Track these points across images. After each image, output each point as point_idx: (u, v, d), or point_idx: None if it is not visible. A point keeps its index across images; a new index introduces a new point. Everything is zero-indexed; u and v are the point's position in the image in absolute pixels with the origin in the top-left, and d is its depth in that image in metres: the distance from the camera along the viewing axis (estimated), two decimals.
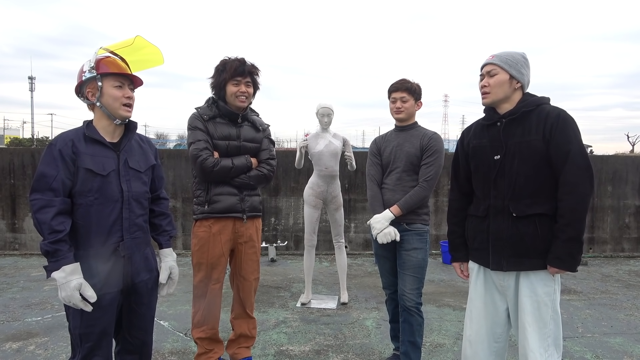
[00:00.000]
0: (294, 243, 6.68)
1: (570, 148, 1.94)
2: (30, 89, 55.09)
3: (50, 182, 1.84)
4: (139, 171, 2.04)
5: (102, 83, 1.94)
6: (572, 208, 1.93)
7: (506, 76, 2.06)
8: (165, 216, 2.23)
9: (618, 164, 6.97)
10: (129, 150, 2.03)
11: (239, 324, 2.87)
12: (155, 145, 2.45)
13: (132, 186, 2.00)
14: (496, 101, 2.10)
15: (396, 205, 2.72)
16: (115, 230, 1.95)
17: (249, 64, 2.70)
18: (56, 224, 1.80)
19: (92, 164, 1.90)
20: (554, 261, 1.95)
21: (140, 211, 2.04)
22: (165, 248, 2.21)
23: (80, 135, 1.94)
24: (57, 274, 1.79)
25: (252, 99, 2.78)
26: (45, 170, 1.85)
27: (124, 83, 1.98)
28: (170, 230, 2.24)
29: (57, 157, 1.87)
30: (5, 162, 6.39)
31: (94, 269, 1.90)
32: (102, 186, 1.91)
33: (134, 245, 2.01)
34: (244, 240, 2.75)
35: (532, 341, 2.00)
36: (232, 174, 2.67)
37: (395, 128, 2.95)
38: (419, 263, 2.76)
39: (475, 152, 2.18)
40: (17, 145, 30.51)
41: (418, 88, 2.86)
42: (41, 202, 1.82)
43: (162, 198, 2.25)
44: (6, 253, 6.30)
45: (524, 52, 2.13)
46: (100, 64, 1.95)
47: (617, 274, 5.73)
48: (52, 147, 1.89)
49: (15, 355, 3.16)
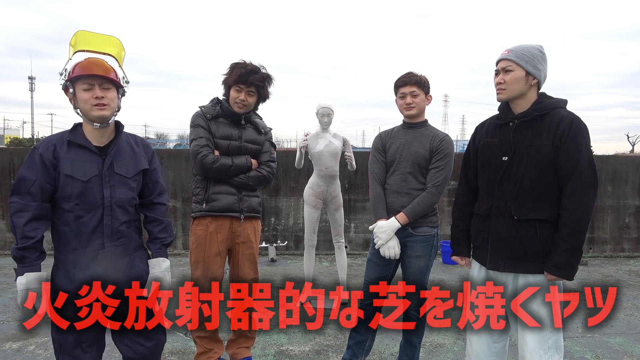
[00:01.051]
0: (294, 243, 6.68)
1: (580, 158, 1.91)
2: (30, 89, 55.04)
3: (29, 187, 1.83)
4: (125, 176, 1.97)
5: (74, 89, 1.89)
6: (577, 218, 1.92)
7: (522, 72, 2.00)
8: (158, 223, 2.11)
9: (618, 164, 6.97)
10: (117, 155, 1.96)
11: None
12: (155, 145, 2.42)
13: (116, 192, 1.93)
14: (511, 98, 2.05)
15: (403, 213, 2.57)
16: (96, 237, 1.90)
17: (258, 75, 2.64)
18: (28, 230, 1.80)
19: (72, 170, 1.87)
20: (552, 269, 1.94)
21: (124, 217, 1.96)
22: (155, 257, 2.08)
23: (64, 140, 1.90)
24: (19, 280, 1.80)
25: (253, 107, 2.77)
26: (25, 174, 1.85)
27: (93, 84, 1.87)
28: (164, 237, 2.11)
29: (37, 161, 1.85)
30: (5, 162, 6.38)
31: (72, 274, 1.88)
32: (83, 192, 1.87)
33: (117, 252, 1.94)
34: (241, 240, 2.76)
35: (531, 343, 1.99)
36: (232, 172, 2.67)
37: (403, 124, 2.76)
38: (421, 270, 2.68)
39: (484, 150, 2.16)
40: (17, 145, 30.49)
41: (426, 81, 2.67)
42: (17, 206, 1.82)
43: (156, 203, 2.13)
44: (6, 253, 6.28)
45: (540, 45, 2.05)
46: (75, 69, 1.89)
47: (617, 274, 5.73)
48: (35, 151, 1.88)
49: (15, 355, 3.16)
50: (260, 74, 2.66)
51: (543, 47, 2.05)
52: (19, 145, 31.49)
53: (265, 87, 2.72)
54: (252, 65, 2.66)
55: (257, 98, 2.74)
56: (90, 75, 1.87)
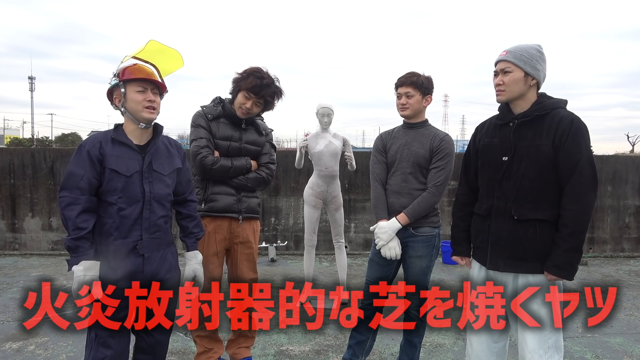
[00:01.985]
0: (294, 243, 6.68)
1: (580, 158, 1.91)
2: (30, 89, 55.08)
3: (78, 181, 1.95)
4: (162, 174, 2.11)
5: (126, 89, 2.03)
6: (577, 219, 1.92)
7: (521, 74, 2.00)
8: (192, 218, 2.31)
9: (618, 164, 6.97)
10: (155, 153, 2.11)
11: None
12: None
13: (155, 188, 2.07)
14: (511, 99, 2.05)
15: (403, 214, 2.57)
16: (136, 229, 2.03)
17: (271, 89, 2.65)
18: (80, 221, 1.92)
19: (117, 165, 2.00)
20: (553, 269, 1.94)
21: (161, 212, 2.10)
22: (191, 251, 2.28)
23: (108, 138, 2.04)
24: (76, 268, 1.90)
25: (256, 114, 2.77)
26: (73, 169, 1.97)
27: (147, 88, 2.04)
28: (197, 232, 2.32)
29: (85, 157, 1.98)
30: (5, 162, 6.39)
31: (113, 264, 1.98)
32: (126, 186, 2.01)
33: (153, 245, 2.07)
34: (240, 240, 2.76)
35: (531, 343, 1.99)
36: (231, 174, 2.68)
37: (403, 124, 2.76)
38: (423, 270, 2.69)
39: (484, 150, 2.16)
40: (17, 145, 30.51)
41: (427, 82, 2.64)
42: (68, 200, 1.94)
43: (189, 200, 2.31)
44: (6, 253, 6.29)
45: (539, 44, 2.05)
46: (125, 72, 2.05)
47: (617, 274, 5.73)
48: (82, 148, 2.01)
49: (15, 355, 3.16)
50: (273, 88, 2.67)
51: (541, 47, 2.05)
52: (19, 145, 31.51)
53: (273, 102, 2.74)
54: (268, 77, 2.65)
55: (263, 109, 2.76)
56: (146, 79, 2.04)
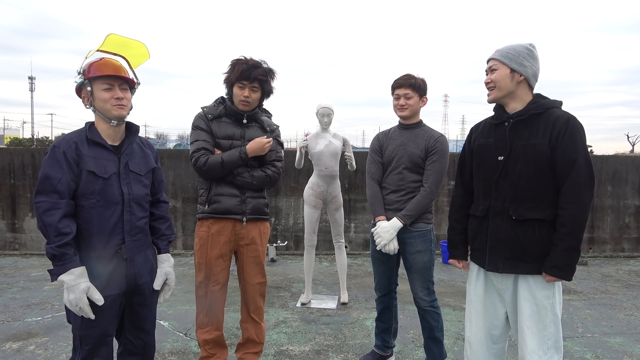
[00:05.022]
0: (294, 243, 6.68)
1: (577, 157, 1.91)
2: (30, 89, 55.08)
3: (55, 185, 1.83)
4: (139, 174, 2.05)
5: (92, 87, 1.94)
6: (574, 218, 1.91)
7: (506, 70, 2.01)
8: (165, 220, 2.22)
9: (618, 164, 6.97)
10: (130, 154, 2.04)
11: (246, 328, 2.82)
12: (155, 145, 2.46)
13: (133, 189, 2.01)
14: (500, 97, 2.06)
15: (403, 215, 2.68)
16: (117, 232, 1.95)
17: (260, 69, 2.60)
18: (63, 226, 1.80)
19: (95, 167, 1.91)
20: (551, 270, 1.93)
21: (141, 214, 2.04)
22: (163, 253, 2.19)
23: (83, 138, 1.94)
24: (65, 277, 1.79)
25: (258, 104, 2.72)
26: (49, 172, 1.85)
27: (114, 84, 1.95)
28: (169, 234, 2.23)
29: (61, 159, 1.86)
30: (5, 162, 6.39)
31: (96, 271, 1.90)
32: (104, 189, 1.92)
33: (135, 247, 2.02)
34: (245, 242, 2.69)
35: (531, 344, 1.99)
36: (226, 169, 2.59)
37: (399, 125, 2.86)
38: (425, 264, 2.75)
39: (479, 151, 2.16)
40: (17, 145, 30.50)
41: (423, 83, 2.77)
42: (47, 205, 1.81)
43: (161, 201, 2.24)
44: (6, 253, 6.30)
45: (531, 43, 2.06)
46: (91, 68, 1.93)
47: (617, 274, 5.73)
48: (56, 149, 1.89)
49: (15, 355, 3.16)
50: (262, 68, 2.62)
51: (534, 45, 2.07)
52: (19, 145, 31.51)
53: (269, 82, 2.67)
54: (253, 60, 2.62)
55: (261, 94, 2.69)
56: (111, 76, 1.94)
